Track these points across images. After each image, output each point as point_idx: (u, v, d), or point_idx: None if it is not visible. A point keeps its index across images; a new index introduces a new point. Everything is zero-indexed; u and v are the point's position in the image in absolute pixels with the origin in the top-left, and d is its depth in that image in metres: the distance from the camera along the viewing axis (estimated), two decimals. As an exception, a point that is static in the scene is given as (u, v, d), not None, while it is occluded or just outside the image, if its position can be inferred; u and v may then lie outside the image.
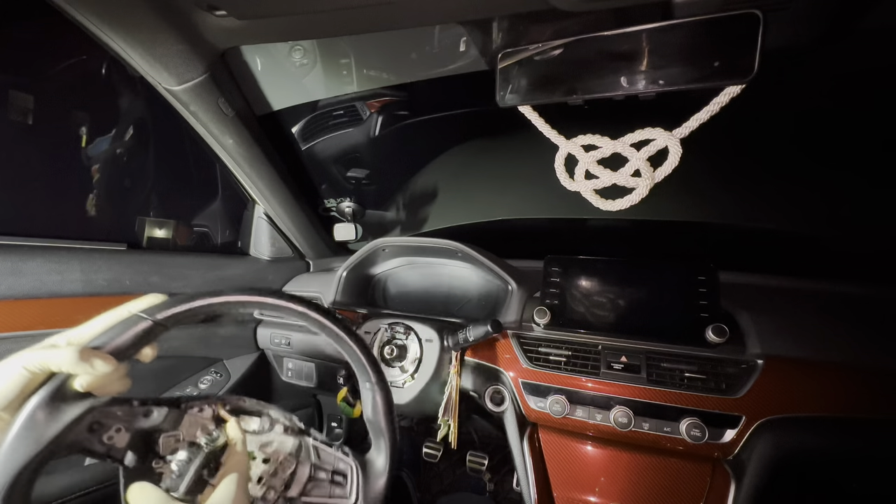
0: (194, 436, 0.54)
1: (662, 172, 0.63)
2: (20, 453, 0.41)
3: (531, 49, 0.62)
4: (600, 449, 0.83)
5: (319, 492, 0.56)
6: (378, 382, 0.61)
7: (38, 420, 0.42)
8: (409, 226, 1.51)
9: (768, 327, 0.77)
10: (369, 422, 0.61)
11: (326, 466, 0.57)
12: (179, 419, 0.54)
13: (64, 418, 0.43)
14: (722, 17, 0.51)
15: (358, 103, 1.16)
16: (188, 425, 0.54)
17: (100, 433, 0.47)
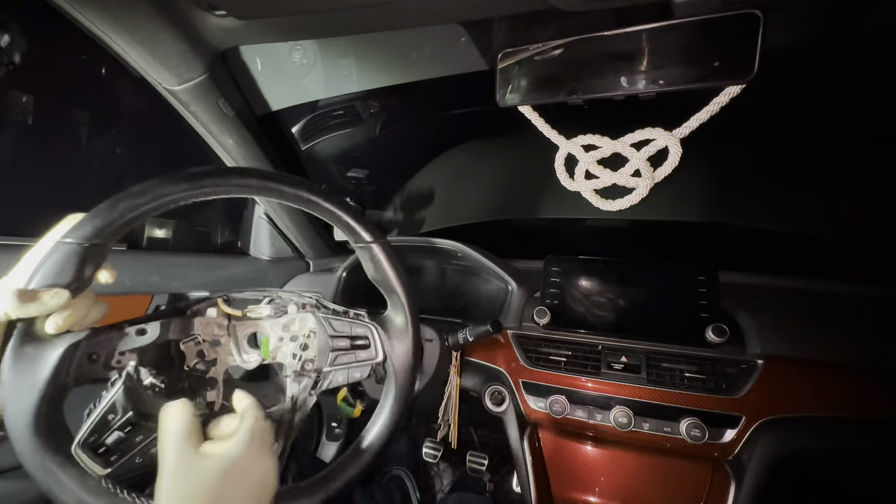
0: (213, 334, 0.54)
1: (662, 172, 0.63)
2: (23, 401, 0.41)
3: (531, 49, 0.62)
4: (600, 449, 0.83)
5: (345, 358, 0.56)
6: (372, 237, 0.57)
7: (21, 368, 0.42)
8: (409, 226, 1.51)
9: (768, 327, 0.77)
10: (376, 282, 0.59)
11: (343, 334, 0.57)
12: (189, 325, 0.53)
13: (49, 359, 0.43)
14: (722, 17, 0.51)
15: (358, 103, 1.16)
16: (202, 326, 0.54)
17: (102, 361, 0.46)
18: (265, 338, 0.57)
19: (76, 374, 0.45)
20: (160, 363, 0.50)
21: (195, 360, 0.52)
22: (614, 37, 0.56)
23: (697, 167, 0.66)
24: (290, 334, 0.57)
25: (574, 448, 0.84)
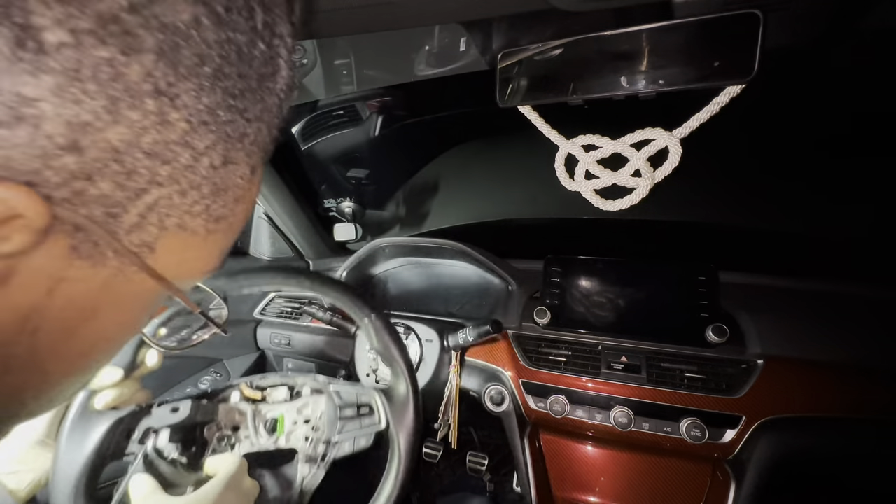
0: (234, 421, 0.59)
1: (663, 172, 0.63)
2: (71, 469, 0.48)
3: (531, 49, 0.62)
4: (600, 449, 0.83)
5: (351, 426, 0.59)
6: (373, 314, 0.62)
7: (74, 438, 0.49)
8: (409, 226, 1.51)
9: (768, 327, 0.77)
10: (380, 353, 0.62)
11: (350, 402, 0.60)
12: (214, 410, 0.58)
13: (97, 432, 0.50)
14: (722, 17, 0.51)
15: (358, 103, 1.16)
16: (225, 413, 0.59)
17: (137, 437, 0.53)
18: (280, 416, 0.61)
19: (115, 448, 0.51)
20: (185, 440, 0.55)
21: (214, 445, 0.58)
22: (614, 37, 0.56)
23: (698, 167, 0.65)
24: (303, 417, 0.61)
25: (574, 448, 0.84)
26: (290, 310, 1.19)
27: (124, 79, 0.15)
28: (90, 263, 0.18)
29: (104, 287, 0.19)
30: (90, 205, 0.17)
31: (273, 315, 1.20)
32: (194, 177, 0.19)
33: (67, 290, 0.18)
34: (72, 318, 0.20)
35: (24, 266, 0.17)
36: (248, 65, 0.18)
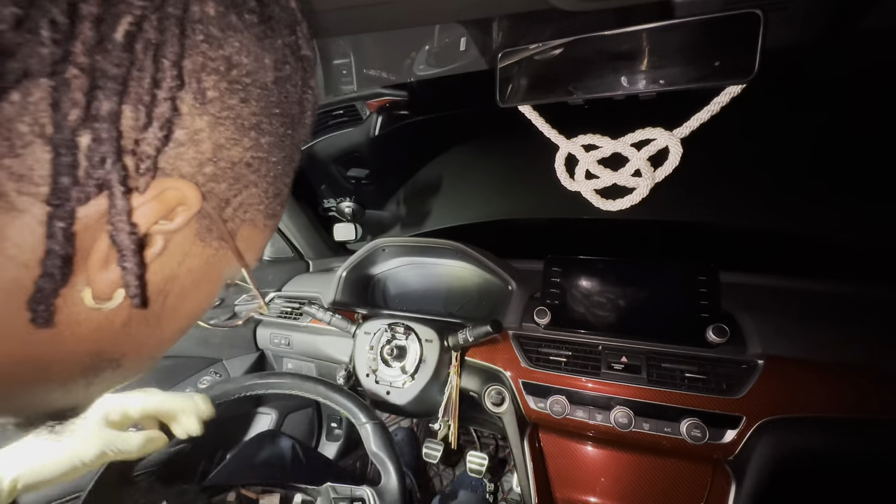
0: None
1: (663, 172, 0.63)
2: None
3: (531, 49, 0.62)
4: (601, 449, 0.83)
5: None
6: (369, 418, 0.69)
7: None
8: (409, 226, 1.51)
9: (769, 327, 0.77)
10: (373, 454, 0.67)
11: (344, 497, 0.63)
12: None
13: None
14: (722, 16, 0.51)
15: (358, 103, 1.15)
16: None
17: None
18: None
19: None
20: None
21: None
22: (614, 36, 0.56)
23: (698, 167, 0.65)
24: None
25: (574, 448, 0.84)
26: (289, 310, 1.18)
27: (241, 118, 0.23)
28: (203, 244, 0.25)
29: (206, 263, 0.26)
30: (212, 199, 0.24)
31: (273, 315, 1.20)
32: (266, 183, 0.27)
33: (189, 263, 0.25)
34: (187, 285, 0.26)
35: (173, 241, 0.24)
36: (296, 108, 0.27)
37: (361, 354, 0.95)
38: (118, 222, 0.20)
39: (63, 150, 0.17)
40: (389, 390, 0.91)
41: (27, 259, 0.19)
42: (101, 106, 0.18)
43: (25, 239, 0.19)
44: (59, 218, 0.18)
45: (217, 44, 0.21)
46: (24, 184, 0.18)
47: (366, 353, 0.95)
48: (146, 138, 0.20)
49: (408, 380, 0.90)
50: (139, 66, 0.19)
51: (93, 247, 0.20)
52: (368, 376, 0.94)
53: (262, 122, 0.24)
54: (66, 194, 0.18)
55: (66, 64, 0.17)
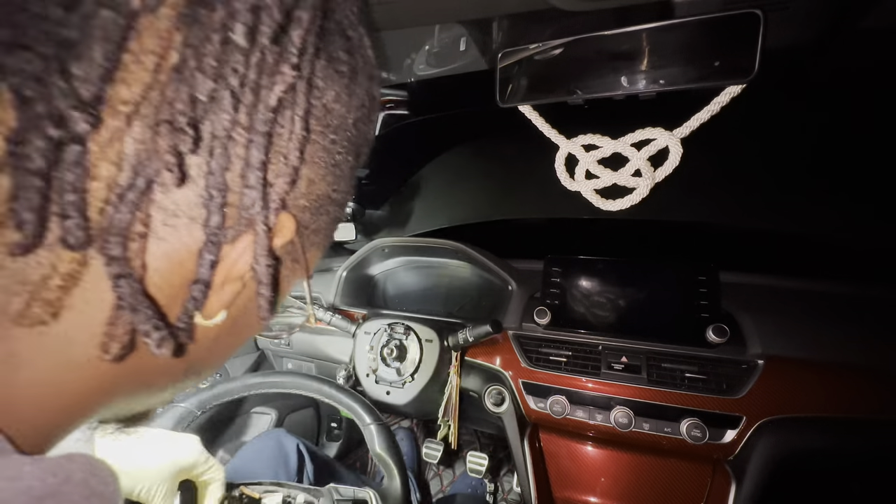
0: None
1: (663, 172, 0.63)
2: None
3: (531, 49, 0.62)
4: (601, 449, 0.83)
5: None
6: (374, 420, 0.69)
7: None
8: (409, 226, 1.51)
9: (769, 327, 0.77)
10: (377, 456, 0.67)
11: (347, 499, 0.63)
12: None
13: None
14: (722, 16, 0.51)
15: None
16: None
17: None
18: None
19: None
20: None
21: None
22: (614, 36, 0.56)
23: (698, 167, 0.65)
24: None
25: (574, 448, 0.84)
26: (289, 310, 1.18)
27: (330, 156, 0.26)
28: (283, 265, 0.27)
29: (282, 281, 0.28)
30: (299, 227, 0.26)
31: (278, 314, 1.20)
32: (336, 212, 0.30)
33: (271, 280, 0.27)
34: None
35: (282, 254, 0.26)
36: (364, 143, 0.30)
37: (361, 354, 0.95)
38: (260, 256, 0.23)
39: (215, 193, 0.21)
40: (389, 390, 0.91)
41: (162, 282, 0.22)
42: (252, 156, 0.21)
43: (165, 265, 0.21)
44: (209, 251, 0.22)
45: (321, 94, 0.24)
46: (169, 216, 0.21)
47: (366, 353, 0.95)
48: (278, 182, 0.23)
49: (408, 380, 0.90)
50: (281, 123, 0.22)
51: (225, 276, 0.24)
52: (368, 376, 0.94)
53: (343, 160, 0.27)
54: (217, 230, 0.21)
55: (234, 125, 0.21)
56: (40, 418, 0.21)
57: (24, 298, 0.19)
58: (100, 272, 0.20)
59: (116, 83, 0.18)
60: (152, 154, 0.19)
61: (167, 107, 0.19)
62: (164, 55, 0.19)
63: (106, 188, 0.19)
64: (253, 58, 0.20)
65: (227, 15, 0.20)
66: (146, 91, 0.19)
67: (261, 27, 0.20)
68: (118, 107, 0.19)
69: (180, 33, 0.19)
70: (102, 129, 0.19)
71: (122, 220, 0.19)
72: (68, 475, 0.19)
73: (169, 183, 0.20)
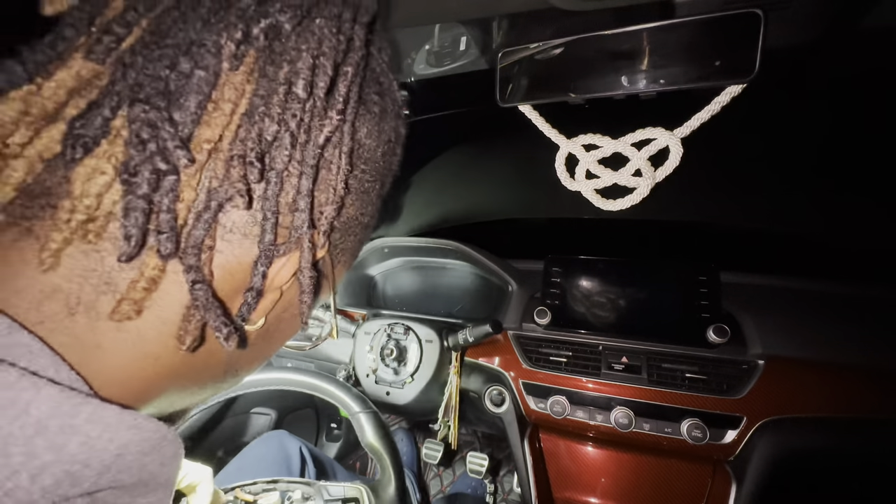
0: None
1: (664, 172, 0.63)
2: None
3: (531, 48, 0.62)
4: (601, 450, 0.83)
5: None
6: (363, 408, 0.68)
7: None
8: (409, 226, 1.50)
9: (769, 328, 0.77)
10: (368, 447, 0.66)
11: (336, 498, 0.62)
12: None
13: None
14: (722, 16, 0.51)
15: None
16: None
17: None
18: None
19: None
20: None
21: None
22: (615, 36, 0.56)
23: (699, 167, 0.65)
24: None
25: (574, 449, 0.84)
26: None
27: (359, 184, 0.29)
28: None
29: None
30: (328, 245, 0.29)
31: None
32: (362, 233, 0.33)
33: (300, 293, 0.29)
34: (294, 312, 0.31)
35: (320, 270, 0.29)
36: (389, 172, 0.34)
37: (361, 355, 0.95)
38: (304, 268, 0.26)
39: (269, 214, 0.24)
40: (389, 390, 0.91)
41: (218, 289, 0.25)
42: (303, 185, 0.25)
43: (220, 274, 0.24)
44: (263, 264, 0.25)
45: (354, 130, 0.27)
46: (226, 232, 0.24)
47: (366, 354, 0.95)
48: (327, 209, 0.27)
49: (408, 380, 0.90)
50: (329, 158, 0.26)
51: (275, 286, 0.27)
52: (368, 376, 0.93)
53: (371, 187, 0.31)
54: (271, 246, 0.25)
55: (291, 160, 0.24)
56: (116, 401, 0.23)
57: (115, 297, 0.22)
58: (176, 278, 0.23)
59: (202, 125, 0.22)
60: (224, 181, 0.23)
61: (240, 145, 0.23)
62: (237, 103, 0.23)
63: (186, 210, 0.23)
64: (308, 105, 0.24)
65: (290, 71, 0.24)
66: (223, 131, 0.23)
67: (317, 82, 0.24)
68: (203, 145, 0.22)
69: (251, 86, 0.23)
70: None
71: (199, 237, 0.23)
72: (165, 434, 0.23)
73: (240, 206, 0.24)
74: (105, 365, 0.23)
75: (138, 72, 0.22)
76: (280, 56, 0.24)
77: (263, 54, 0.24)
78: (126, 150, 0.21)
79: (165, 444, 0.23)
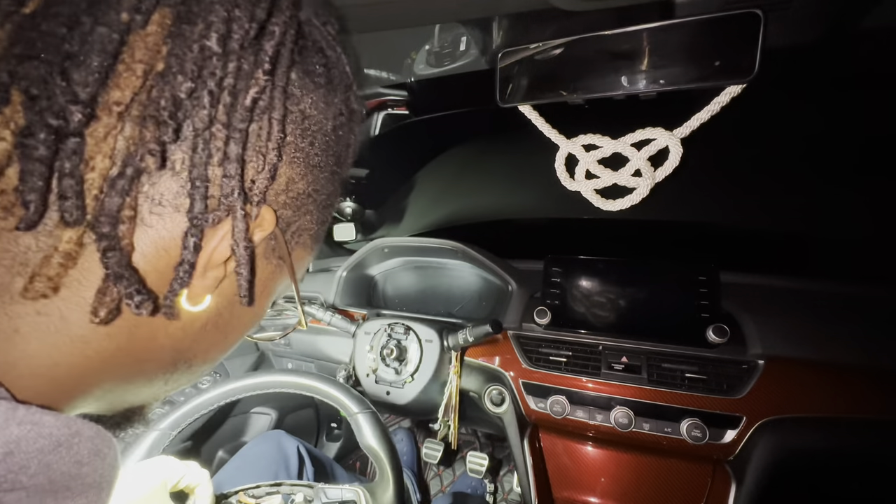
0: None
1: (663, 172, 0.63)
2: None
3: (531, 49, 0.62)
4: (601, 449, 0.83)
5: None
6: (362, 408, 0.68)
7: None
8: (408, 226, 1.51)
9: (769, 328, 0.77)
10: (366, 448, 0.65)
11: (334, 500, 0.62)
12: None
13: None
14: (722, 16, 0.51)
15: (357, 103, 1.15)
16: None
17: None
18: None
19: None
20: None
21: None
22: (615, 36, 0.56)
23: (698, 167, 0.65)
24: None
25: (574, 448, 0.84)
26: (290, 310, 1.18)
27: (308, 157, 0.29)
28: (266, 261, 0.29)
29: (267, 278, 0.30)
30: (281, 223, 0.28)
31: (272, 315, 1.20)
32: (318, 212, 0.32)
33: (260, 272, 0.29)
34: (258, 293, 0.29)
35: (259, 251, 0.28)
36: (345, 150, 0.33)
37: (361, 354, 0.95)
38: (239, 239, 0.25)
39: (198, 183, 0.23)
40: (389, 390, 0.91)
41: (149, 266, 0.24)
42: (231, 150, 0.24)
43: (152, 250, 0.24)
44: (193, 234, 0.24)
45: (297, 101, 0.27)
46: (155, 205, 0.23)
47: (366, 354, 0.95)
48: (259, 178, 0.26)
49: (408, 380, 0.90)
50: (259, 124, 0.25)
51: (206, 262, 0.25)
52: (368, 376, 0.93)
53: (322, 161, 0.30)
54: (200, 215, 0.24)
55: (213, 121, 0.23)
56: (41, 391, 0.23)
57: (28, 275, 0.21)
58: (95, 253, 0.22)
59: (111, 88, 0.21)
60: (140, 146, 0.22)
61: (153, 105, 0.22)
62: (152, 64, 0.22)
63: (100, 178, 0.22)
64: (230, 63, 0.23)
65: (204, 27, 0.23)
66: (136, 94, 0.22)
67: (232, 35, 0.23)
68: (112, 107, 0.21)
69: (166, 46, 0.22)
70: (99, 127, 0.21)
71: (113, 204, 0.22)
72: (79, 430, 0.22)
73: (153, 170, 0.22)
74: (25, 352, 0.22)
75: (36, 32, 0.21)
76: (196, 14, 0.23)
77: (179, 13, 0.22)
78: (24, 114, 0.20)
79: (79, 442, 0.21)
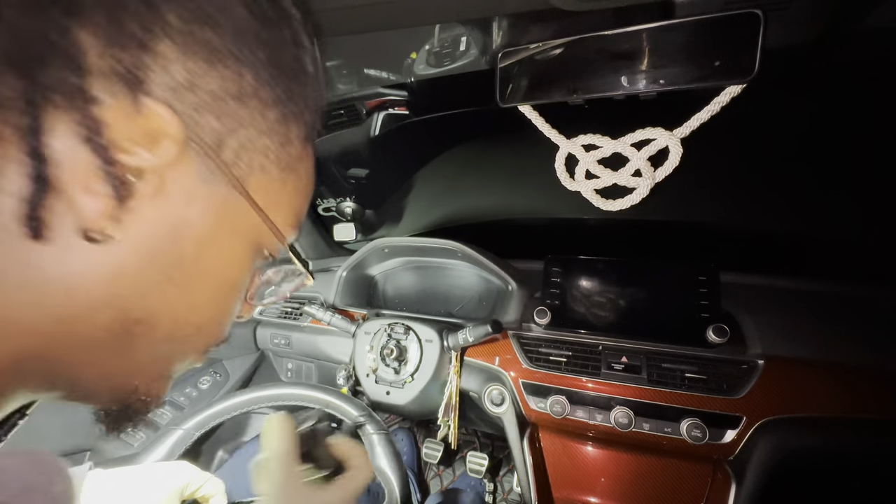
0: None
1: (663, 172, 0.63)
2: None
3: (531, 48, 0.62)
4: (601, 449, 0.83)
5: None
6: (377, 430, 0.68)
7: None
8: (408, 225, 1.51)
9: (769, 327, 0.77)
10: (377, 469, 0.65)
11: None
12: None
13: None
14: (722, 16, 0.51)
15: (358, 103, 1.15)
16: None
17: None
18: None
19: None
20: None
21: None
22: (615, 36, 0.56)
23: (698, 167, 0.65)
24: None
25: (574, 448, 0.84)
26: (289, 310, 1.18)
27: (211, 45, 0.23)
28: (208, 188, 0.24)
29: (219, 211, 0.25)
30: (203, 134, 0.23)
31: (272, 315, 1.20)
32: (265, 125, 0.26)
33: (198, 207, 0.24)
34: (203, 235, 0.25)
35: (171, 180, 0.23)
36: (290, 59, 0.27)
37: (361, 355, 0.95)
38: (89, 127, 0.20)
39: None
40: (389, 390, 0.91)
41: (10, 188, 0.19)
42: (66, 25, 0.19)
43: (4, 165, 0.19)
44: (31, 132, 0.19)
45: None
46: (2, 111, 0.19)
47: (366, 354, 0.95)
48: (113, 52, 0.20)
49: (408, 380, 0.90)
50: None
51: (73, 166, 0.20)
52: (368, 376, 0.94)
53: (240, 54, 0.24)
54: (34, 108, 0.19)
55: None
56: None
57: None
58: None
59: None
60: None
61: None
62: None
63: None
64: None
65: None
66: None
67: None
68: None
69: None
70: None
71: None
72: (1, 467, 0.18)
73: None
74: None
75: None
76: None
77: None
78: None
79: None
